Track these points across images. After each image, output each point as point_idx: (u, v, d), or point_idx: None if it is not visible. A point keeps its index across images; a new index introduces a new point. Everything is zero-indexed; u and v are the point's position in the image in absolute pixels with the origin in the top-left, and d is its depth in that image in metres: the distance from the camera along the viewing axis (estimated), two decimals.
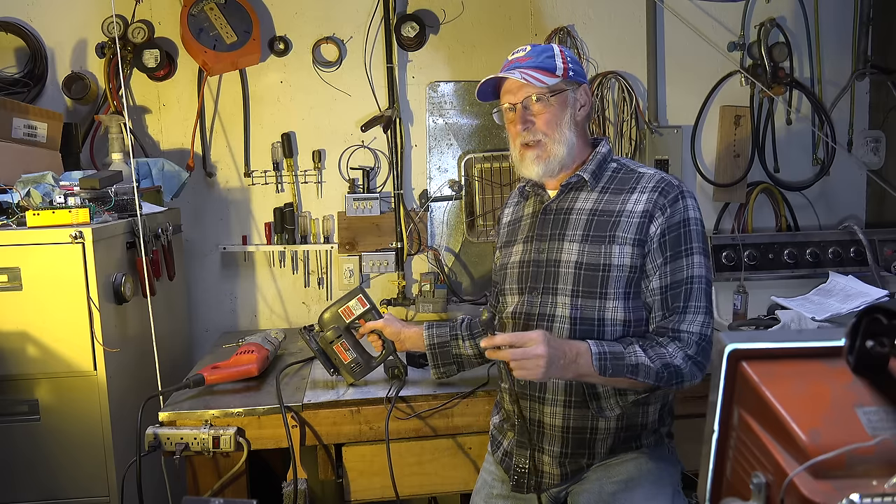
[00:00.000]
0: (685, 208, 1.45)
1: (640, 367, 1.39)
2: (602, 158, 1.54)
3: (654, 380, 1.39)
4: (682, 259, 1.44)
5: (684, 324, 1.43)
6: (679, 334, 1.43)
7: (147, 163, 2.41)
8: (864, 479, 0.63)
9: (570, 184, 1.54)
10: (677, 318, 1.44)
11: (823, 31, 2.79)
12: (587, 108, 1.56)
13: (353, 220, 2.69)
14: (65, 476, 1.87)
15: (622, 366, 1.39)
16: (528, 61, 1.50)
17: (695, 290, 1.44)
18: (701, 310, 1.44)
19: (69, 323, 1.82)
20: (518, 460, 1.57)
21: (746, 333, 0.75)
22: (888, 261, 2.68)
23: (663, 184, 1.47)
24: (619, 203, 1.48)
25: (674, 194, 1.45)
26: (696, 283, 1.44)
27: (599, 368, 1.38)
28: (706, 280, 1.46)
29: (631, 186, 1.49)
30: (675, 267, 1.44)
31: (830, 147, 2.80)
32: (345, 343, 1.88)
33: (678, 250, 1.44)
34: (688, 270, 1.44)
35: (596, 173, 1.53)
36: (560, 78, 1.49)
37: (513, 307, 1.56)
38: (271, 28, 2.64)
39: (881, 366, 0.69)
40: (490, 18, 2.70)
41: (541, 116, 1.50)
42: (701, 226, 1.48)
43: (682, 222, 1.45)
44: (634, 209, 1.46)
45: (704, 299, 1.45)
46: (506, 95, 1.54)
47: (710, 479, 0.76)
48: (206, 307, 2.72)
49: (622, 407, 1.49)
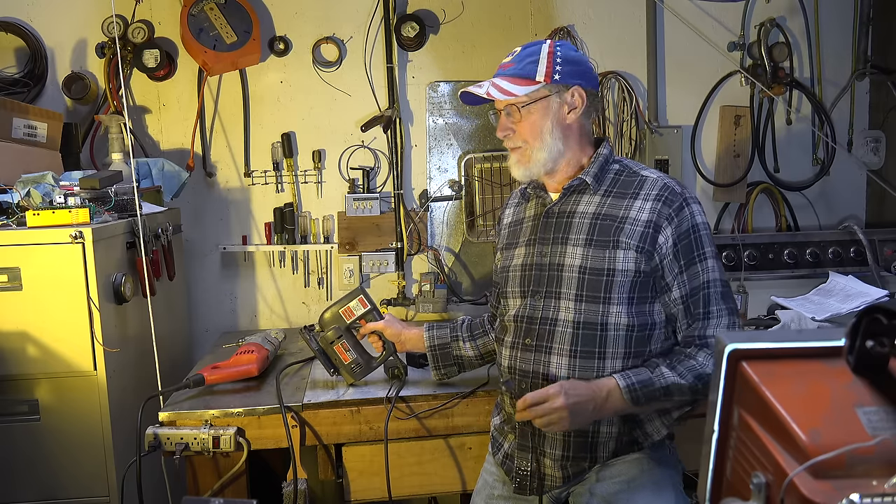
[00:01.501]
0: (692, 215, 1.46)
1: (672, 388, 1.41)
2: (604, 160, 1.54)
3: (691, 395, 1.42)
4: (696, 265, 1.46)
5: (709, 328, 1.45)
6: (706, 340, 1.45)
7: (147, 163, 2.41)
8: (864, 479, 0.63)
9: (572, 186, 1.53)
10: (701, 325, 1.46)
11: (823, 31, 2.79)
12: (580, 109, 1.51)
13: (353, 220, 2.69)
14: (65, 476, 1.87)
15: (654, 391, 1.41)
16: (510, 69, 1.50)
17: (712, 294, 1.46)
18: (724, 312, 1.46)
19: (69, 323, 1.81)
20: (520, 463, 1.57)
21: (746, 333, 0.75)
22: (888, 261, 2.68)
23: (666, 192, 1.46)
24: (622, 208, 1.47)
25: (678, 203, 1.46)
26: (713, 286, 1.46)
27: (632, 401, 1.40)
28: (722, 282, 1.47)
29: (634, 191, 1.49)
30: (692, 274, 1.46)
31: (830, 147, 2.80)
32: (345, 343, 1.88)
33: (691, 257, 1.46)
34: (703, 275, 1.46)
35: (598, 176, 1.52)
36: (540, 83, 1.47)
37: (515, 311, 1.56)
38: (271, 28, 2.64)
39: (881, 366, 0.69)
40: (490, 18, 2.70)
41: (520, 125, 1.51)
42: (708, 229, 1.49)
43: (691, 229, 1.46)
44: (639, 217, 1.46)
45: (725, 301, 1.47)
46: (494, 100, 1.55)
47: (710, 479, 0.76)
48: (206, 307, 2.72)
49: (668, 426, 1.52)
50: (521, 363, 1.53)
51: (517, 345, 1.54)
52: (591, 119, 1.59)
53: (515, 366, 1.54)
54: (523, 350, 1.53)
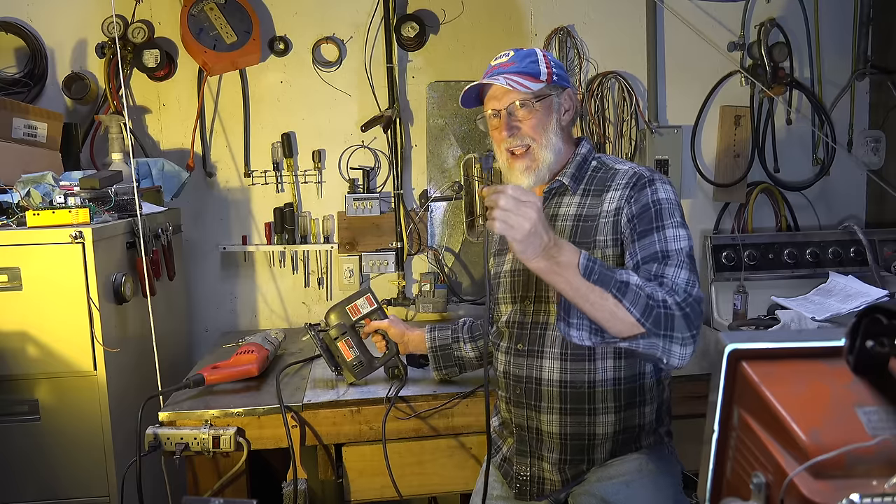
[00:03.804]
0: (654, 191, 1.40)
1: (631, 288, 1.24)
2: (582, 160, 1.53)
3: (642, 313, 1.24)
4: (652, 234, 1.36)
5: (668, 269, 1.32)
6: (662, 279, 1.31)
7: (147, 163, 2.41)
8: (864, 479, 0.63)
9: (552, 189, 1.53)
10: (657, 268, 1.33)
11: (823, 31, 2.79)
12: (572, 113, 1.54)
13: (353, 220, 2.69)
14: (65, 476, 1.87)
15: (610, 278, 1.24)
16: (511, 66, 1.49)
17: (672, 258, 1.34)
18: (684, 266, 1.33)
19: (69, 323, 1.81)
20: (519, 468, 1.57)
21: (746, 333, 0.75)
22: (888, 261, 2.68)
23: (635, 178, 1.43)
24: (598, 206, 1.46)
25: (641, 183, 1.42)
26: (672, 253, 1.34)
27: (584, 269, 1.23)
28: (686, 252, 1.35)
29: (607, 185, 1.48)
30: (646, 243, 1.36)
31: (830, 147, 2.80)
32: (349, 341, 1.89)
33: (648, 228, 1.37)
34: (661, 244, 1.35)
35: (576, 176, 1.51)
36: (544, 83, 1.48)
37: (507, 316, 1.56)
38: (271, 28, 2.64)
39: (881, 366, 0.69)
40: (490, 18, 2.70)
41: (527, 122, 1.48)
42: (673, 205, 1.39)
43: (651, 203, 1.39)
44: (609, 208, 1.44)
45: (688, 262, 1.34)
46: (490, 102, 1.52)
47: (710, 479, 0.76)
48: (206, 307, 2.73)
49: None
50: (514, 368, 1.54)
51: (510, 350, 1.55)
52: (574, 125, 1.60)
53: (510, 371, 1.55)
54: (516, 355, 1.53)
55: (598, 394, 1.46)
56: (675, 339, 1.26)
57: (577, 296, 1.26)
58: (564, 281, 1.25)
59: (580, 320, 1.30)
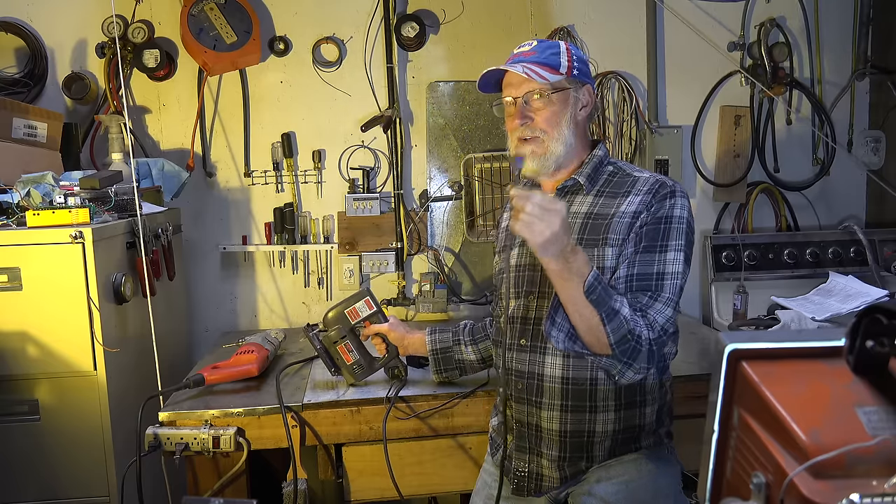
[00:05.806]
0: (672, 206, 1.42)
1: (618, 318, 1.34)
2: (598, 161, 1.54)
3: (617, 341, 1.34)
4: (654, 253, 1.40)
5: (652, 310, 1.39)
6: (646, 313, 1.38)
7: (147, 163, 2.41)
8: (864, 479, 0.63)
9: (565, 187, 1.53)
10: (647, 301, 1.39)
11: (823, 31, 2.79)
12: (589, 109, 1.54)
13: (353, 220, 2.69)
14: (65, 476, 1.87)
15: (605, 302, 1.33)
16: (532, 56, 1.48)
17: (667, 285, 1.40)
18: (671, 303, 1.40)
19: (69, 323, 1.82)
20: (518, 465, 1.57)
21: (746, 333, 0.75)
22: (888, 261, 2.68)
23: (657, 185, 1.45)
24: (613, 206, 1.47)
25: (664, 192, 1.44)
26: (668, 279, 1.40)
27: (588, 287, 1.31)
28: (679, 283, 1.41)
29: (626, 190, 1.48)
30: (646, 259, 1.40)
31: (830, 147, 2.80)
32: (348, 344, 1.88)
33: (653, 244, 1.41)
34: (659, 266, 1.40)
35: (591, 177, 1.52)
36: (563, 76, 1.48)
37: (510, 311, 1.56)
38: (271, 28, 2.64)
39: (881, 366, 0.69)
40: (490, 18, 2.70)
41: (541, 113, 1.48)
42: (687, 227, 1.43)
43: (664, 219, 1.42)
44: (627, 210, 1.45)
45: (675, 298, 1.41)
46: (507, 88, 1.52)
47: (710, 479, 0.76)
48: (206, 307, 2.73)
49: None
50: (516, 364, 1.53)
51: (513, 346, 1.54)
52: (591, 121, 1.60)
53: (511, 367, 1.54)
54: (518, 351, 1.53)
55: (599, 391, 1.46)
56: (633, 368, 1.41)
57: (570, 303, 1.36)
58: (566, 287, 1.34)
59: (563, 322, 1.43)
